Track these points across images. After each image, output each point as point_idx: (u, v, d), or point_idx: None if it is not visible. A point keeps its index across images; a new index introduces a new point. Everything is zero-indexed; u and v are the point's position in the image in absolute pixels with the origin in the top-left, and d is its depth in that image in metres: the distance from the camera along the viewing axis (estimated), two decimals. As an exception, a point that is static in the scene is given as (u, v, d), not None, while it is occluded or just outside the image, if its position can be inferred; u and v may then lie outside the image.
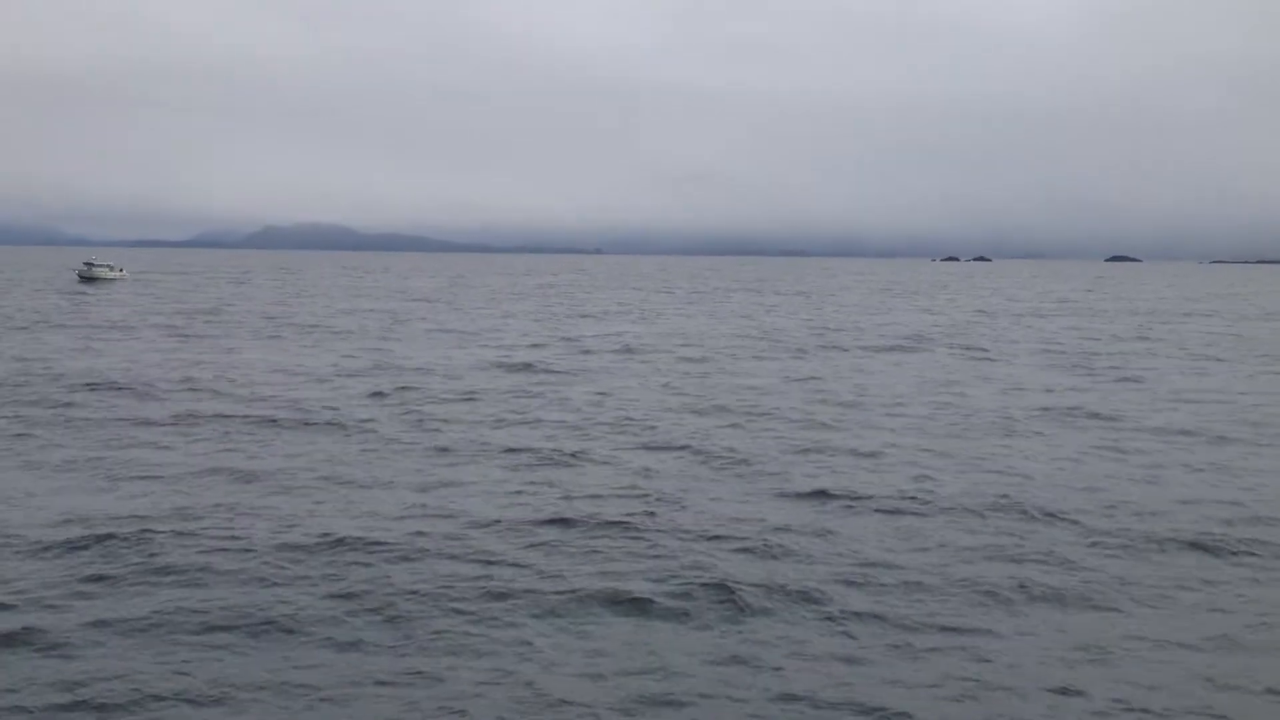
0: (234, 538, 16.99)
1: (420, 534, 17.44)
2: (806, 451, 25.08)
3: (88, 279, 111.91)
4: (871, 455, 24.73)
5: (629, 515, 18.64)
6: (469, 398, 33.24)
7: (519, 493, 20.50)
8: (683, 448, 25.29)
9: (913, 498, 20.29)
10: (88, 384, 34.46)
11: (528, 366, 41.66)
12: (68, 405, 30.36)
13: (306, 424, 27.77)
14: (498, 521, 18.26)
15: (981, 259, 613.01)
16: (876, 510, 19.45)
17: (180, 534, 17.12)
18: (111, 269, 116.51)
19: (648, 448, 25.45)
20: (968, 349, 52.35)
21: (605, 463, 23.55)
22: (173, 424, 27.50)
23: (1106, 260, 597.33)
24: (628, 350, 49.11)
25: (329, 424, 27.74)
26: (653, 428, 28.13)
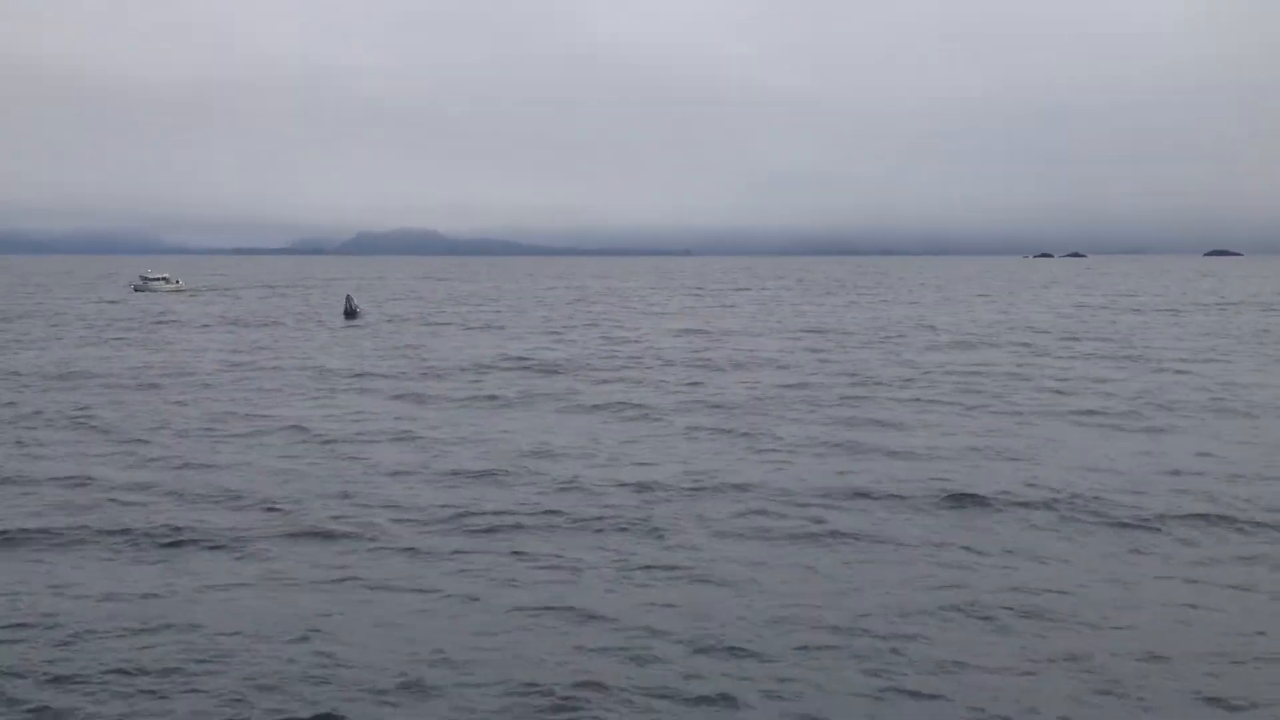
0: None
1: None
2: None
3: (141, 290, 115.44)
4: None
5: None
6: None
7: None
8: None
9: None
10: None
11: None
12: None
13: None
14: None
15: (1075, 255, 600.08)
16: None
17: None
18: (167, 281, 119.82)
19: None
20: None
21: None
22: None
23: (1205, 255, 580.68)
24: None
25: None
26: None
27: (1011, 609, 15.00)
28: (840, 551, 17.86)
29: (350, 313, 74.18)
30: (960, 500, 21.05)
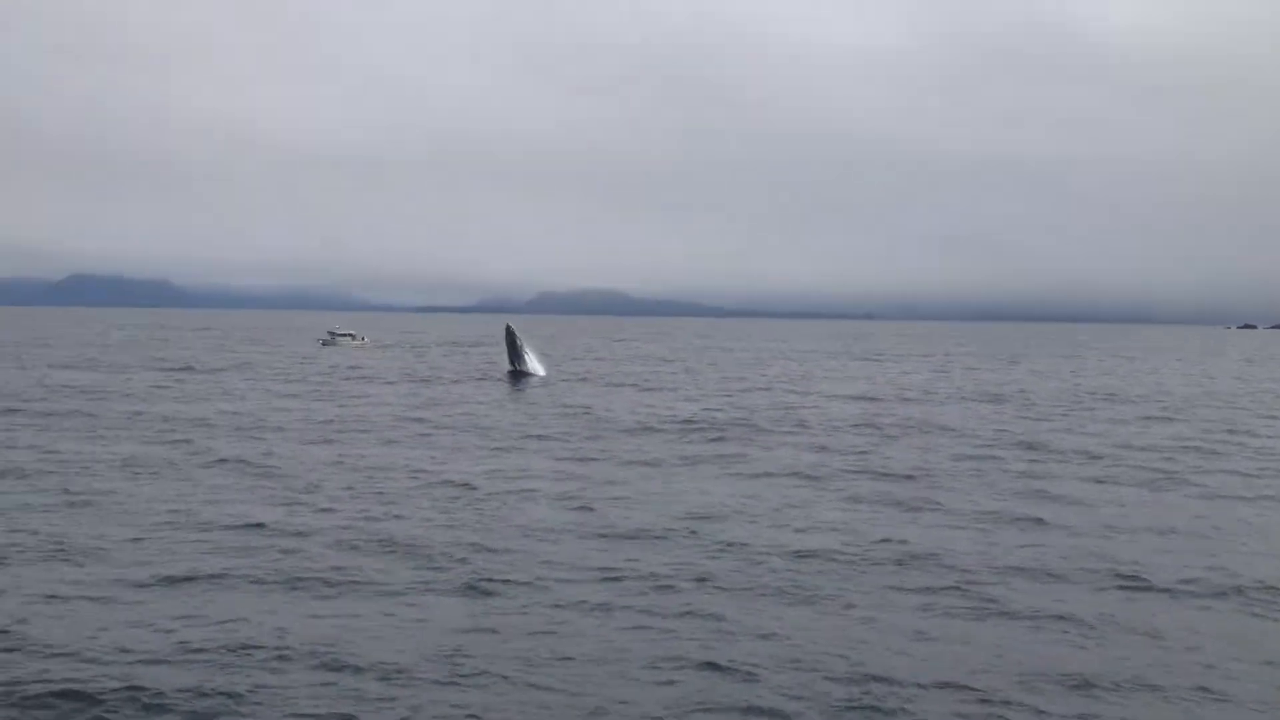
0: None
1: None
2: None
3: (329, 345, 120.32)
4: None
5: None
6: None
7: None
8: None
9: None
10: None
11: None
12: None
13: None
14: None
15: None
16: None
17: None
18: (353, 337, 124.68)
19: None
20: None
21: None
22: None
23: None
24: None
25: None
26: None
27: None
28: (999, 625, 17.43)
29: (515, 357, 74.09)
30: (1131, 581, 20.13)
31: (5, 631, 16.07)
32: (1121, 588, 19.84)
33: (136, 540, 22.11)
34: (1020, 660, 15.79)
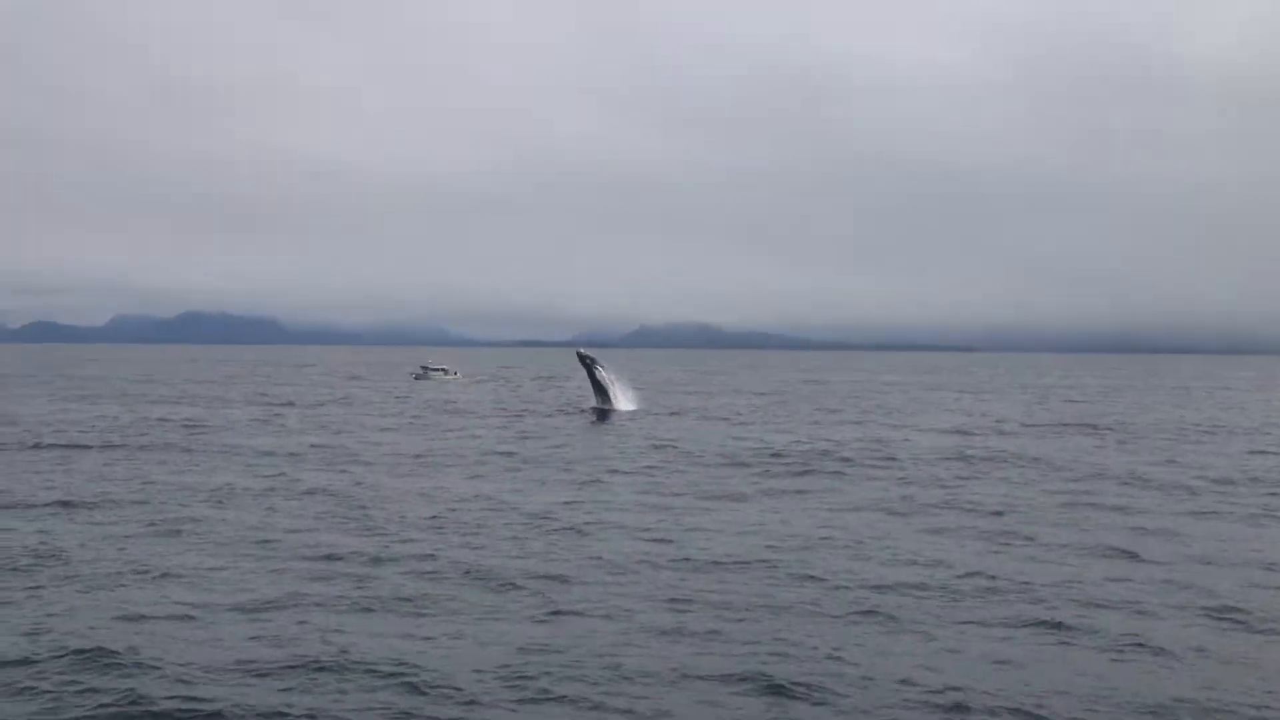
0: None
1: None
2: None
3: (422, 379, 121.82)
4: None
5: None
6: None
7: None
8: None
9: None
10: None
11: None
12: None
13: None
14: None
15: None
16: None
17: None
18: (446, 372, 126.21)
19: None
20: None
21: None
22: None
23: None
24: None
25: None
26: None
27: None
28: (1081, 654, 17.12)
29: (599, 391, 72.45)
30: (1225, 615, 19.60)
31: (84, 651, 16.50)
32: (1214, 619, 19.27)
33: (215, 568, 22.58)
34: (1100, 689, 15.48)
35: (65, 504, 30.55)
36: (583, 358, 73.90)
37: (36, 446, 45.95)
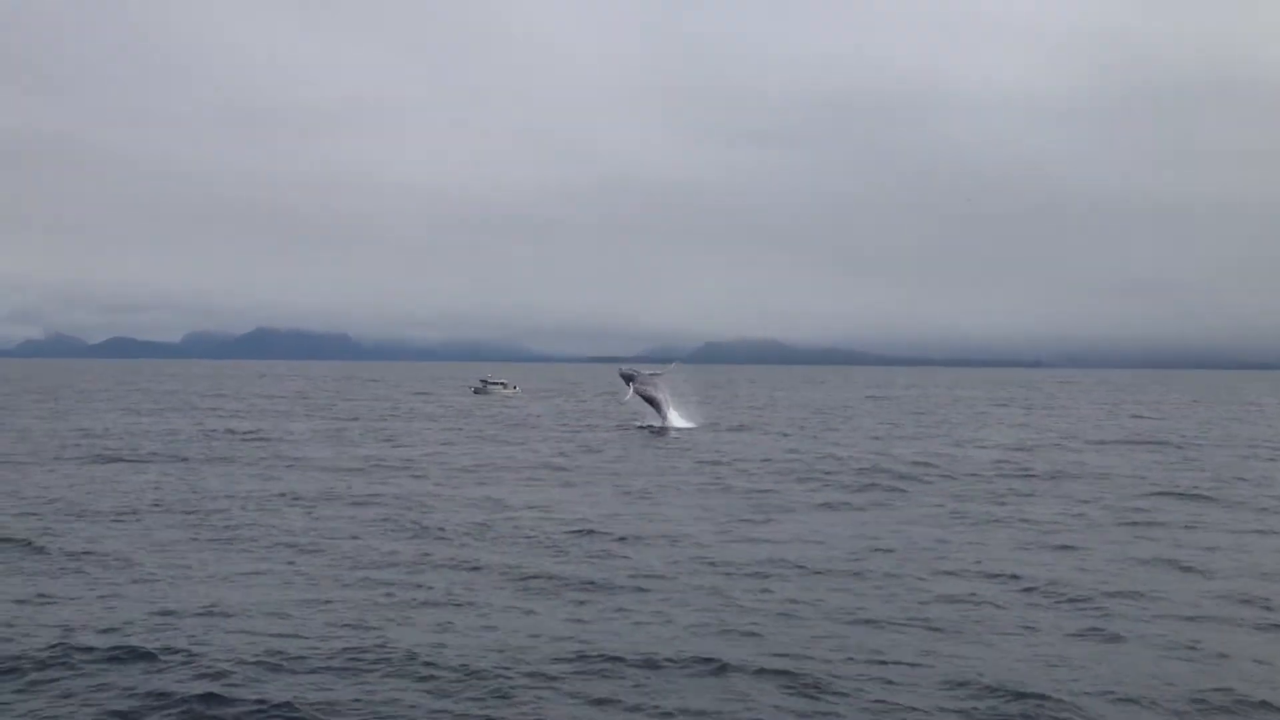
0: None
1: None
2: None
3: (480, 393, 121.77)
4: None
5: None
6: None
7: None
8: None
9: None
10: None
11: None
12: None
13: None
14: None
15: None
16: None
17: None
18: (504, 386, 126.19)
19: None
20: None
21: None
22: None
23: None
24: None
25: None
26: None
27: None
28: (1134, 657, 17.36)
29: (655, 407, 69.54)
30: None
31: (129, 647, 16.92)
32: (1269, 631, 19.09)
33: (258, 571, 22.96)
34: (1150, 690, 15.75)
35: (122, 511, 31.25)
36: (625, 376, 72.20)
37: (100, 458, 46.88)
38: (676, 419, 69.46)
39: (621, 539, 27.39)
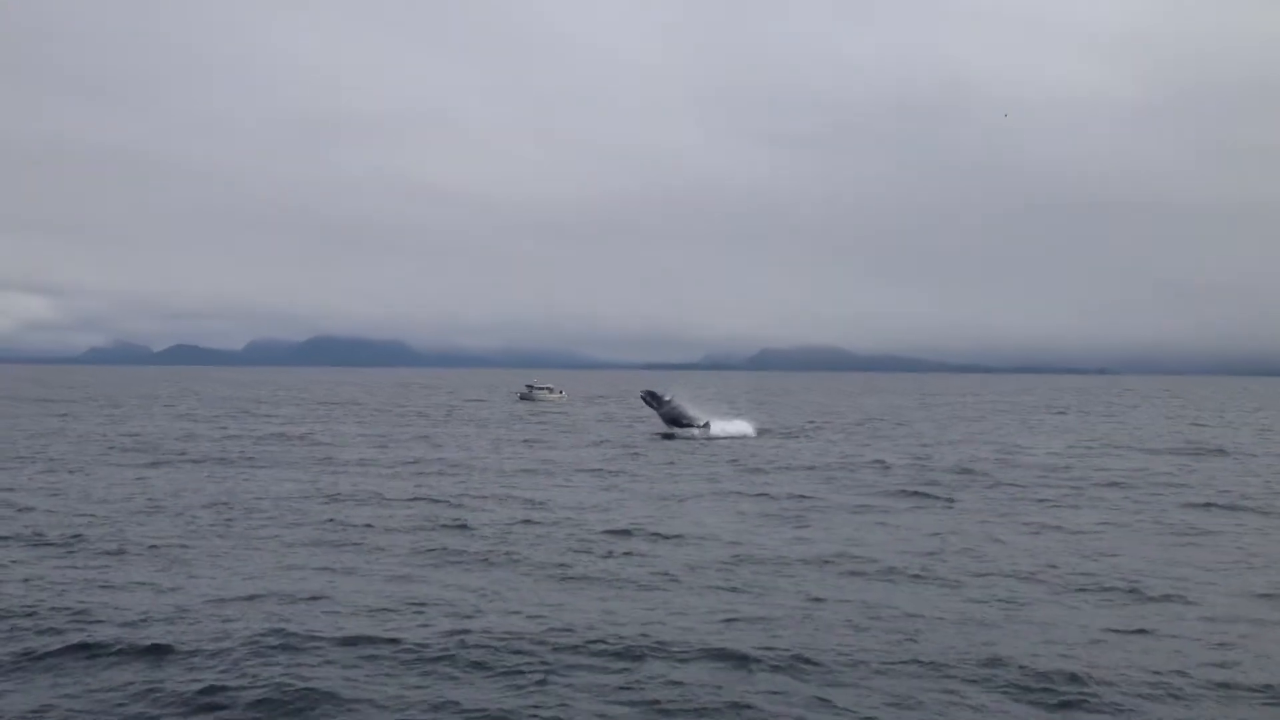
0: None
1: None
2: None
3: (527, 399, 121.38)
4: None
5: None
6: None
7: None
8: None
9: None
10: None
11: None
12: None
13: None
14: None
15: None
16: None
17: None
18: (550, 390, 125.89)
19: None
20: None
21: None
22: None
23: None
24: None
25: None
26: None
27: None
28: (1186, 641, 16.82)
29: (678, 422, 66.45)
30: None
31: (142, 646, 17.29)
32: None
33: (292, 565, 23.42)
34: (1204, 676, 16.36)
35: (154, 507, 32.29)
36: (648, 399, 70.10)
37: (155, 464, 47.83)
38: (720, 428, 67.22)
39: (656, 537, 27.67)
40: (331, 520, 29.89)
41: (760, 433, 67.74)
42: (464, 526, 29.03)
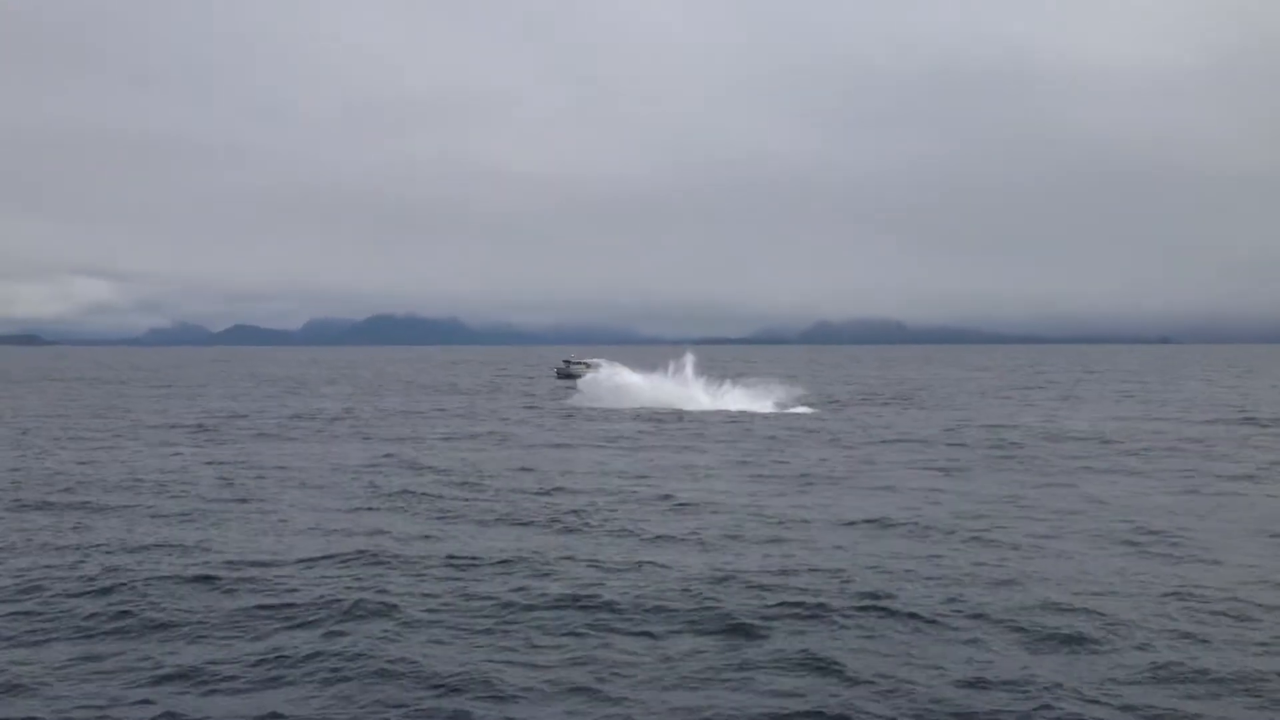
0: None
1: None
2: None
3: (565, 375, 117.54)
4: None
5: None
6: None
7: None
8: None
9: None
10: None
11: None
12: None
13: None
14: None
15: None
16: None
17: None
18: (588, 365, 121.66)
19: None
20: None
21: None
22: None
23: None
24: None
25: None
26: None
27: None
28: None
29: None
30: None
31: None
32: None
33: (308, 527, 23.79)
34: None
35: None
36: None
37: (200, 427, 48.66)
38: (712, 399, 65.10)
39: (681, 504, 28.11)
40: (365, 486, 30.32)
41: (816, 406, 67.02)
42: (485, 487, 29.25)
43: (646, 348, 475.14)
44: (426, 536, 23.72)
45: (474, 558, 21.20)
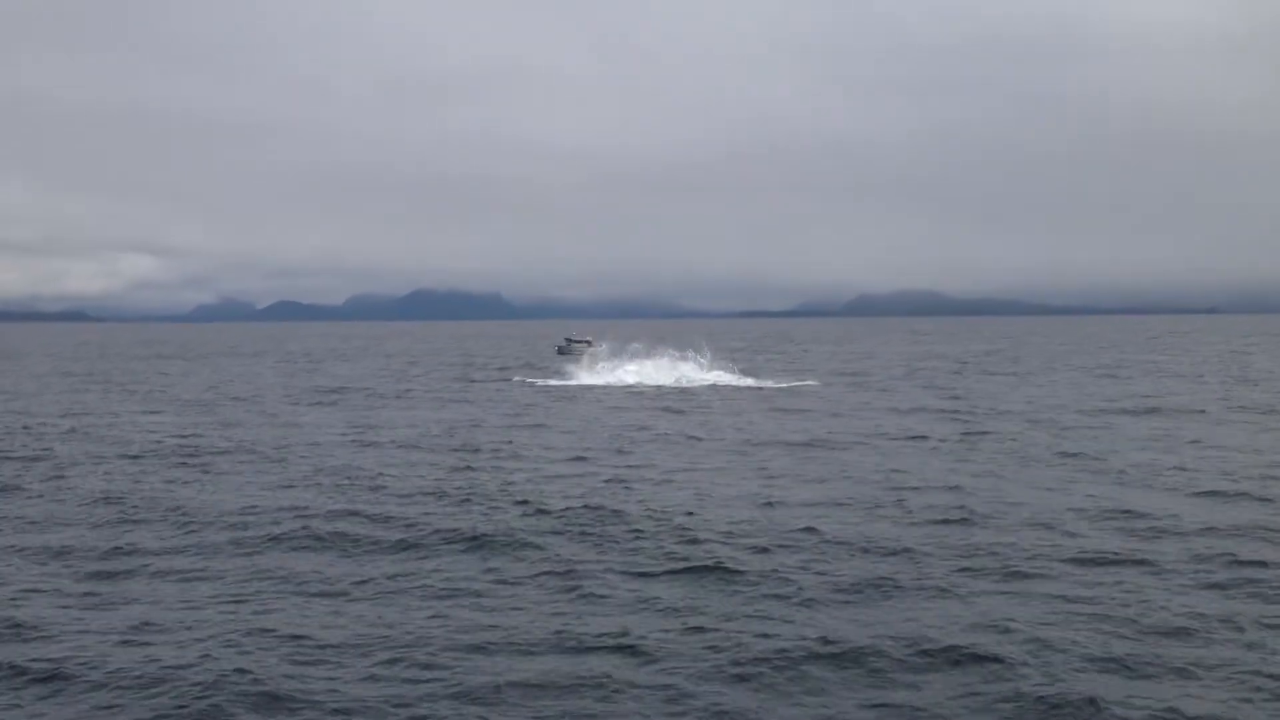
0: None
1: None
2: None
3: (565, 353, 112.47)
4: None
5: None
6: None
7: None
8: None
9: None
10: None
11: None
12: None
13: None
14: None
15: None
16: None
17: None
18: (589, 344, 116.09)
19: None
20: None
21: None
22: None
23: None
24: None
25: None
26: None
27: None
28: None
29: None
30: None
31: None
32: None
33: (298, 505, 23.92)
34: None
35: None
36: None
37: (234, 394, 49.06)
38: (732, 378, 66.42)
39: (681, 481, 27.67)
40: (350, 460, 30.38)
41: (831, 382, 66.67)
42: (473, 449, 29.38)
43: (687, 321, 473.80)
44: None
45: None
